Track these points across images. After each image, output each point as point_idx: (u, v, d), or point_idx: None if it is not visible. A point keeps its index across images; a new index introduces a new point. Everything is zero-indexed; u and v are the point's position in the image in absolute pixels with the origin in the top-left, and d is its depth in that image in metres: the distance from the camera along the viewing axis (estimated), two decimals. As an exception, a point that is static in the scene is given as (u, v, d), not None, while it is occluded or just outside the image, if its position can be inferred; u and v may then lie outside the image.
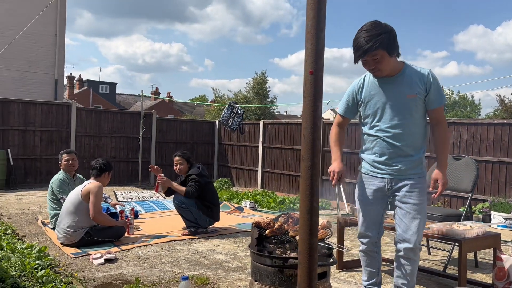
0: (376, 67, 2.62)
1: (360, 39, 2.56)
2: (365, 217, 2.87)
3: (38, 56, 13.67)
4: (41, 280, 3.06)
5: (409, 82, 2.65)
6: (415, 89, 2.63)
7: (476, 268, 4.13)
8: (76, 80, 39.04)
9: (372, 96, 2.75)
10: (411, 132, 2.69)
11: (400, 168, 2.71)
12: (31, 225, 5.49)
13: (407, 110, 2.66)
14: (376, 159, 2.77)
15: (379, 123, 2.74)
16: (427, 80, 2.64)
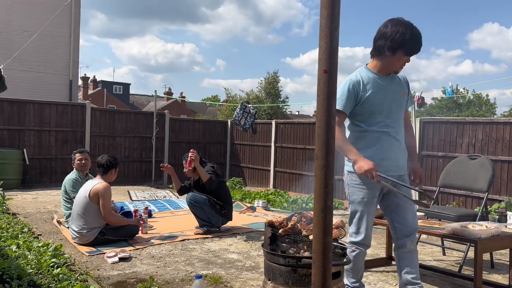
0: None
1: (418, 36, 2.64)
2: (369, 219, 2.84)
3: (53, 57, 13.86)
4: (57, 278, 3.11)
5: (401, 82, 2.88)
6: (405, 89, 2.88)
7: (492, 269, 4.07)
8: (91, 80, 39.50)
9: (375, 93, 2.75)
10: (402, 128, 2.91)
11: (401, 163, 2.86)
12: (46, 223, 5.57)
13: (401, 107, 2.87)
14: (383, 156, 2.75)
15: (385, 119, 2.78)
16: (407, 82, 2.94)
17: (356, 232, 2.84)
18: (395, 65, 2.71)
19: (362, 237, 2.83)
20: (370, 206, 2.81)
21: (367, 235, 2.84)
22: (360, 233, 2.83)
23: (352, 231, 2.88)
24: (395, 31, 2.60)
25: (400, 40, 2.59)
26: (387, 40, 2.63)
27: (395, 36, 2.60)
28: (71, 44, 14.13)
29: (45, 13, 12.84)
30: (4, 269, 3.09)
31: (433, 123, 7.72)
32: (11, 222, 5.01)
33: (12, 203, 6.84)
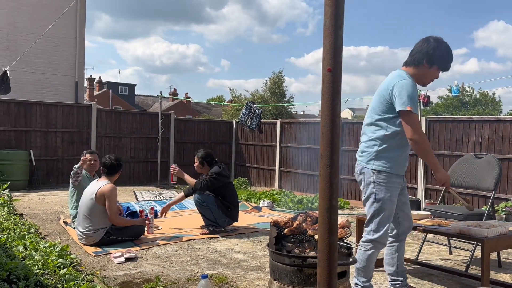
0: None
1: (452, 57, 2.94)
2: (390, 217, 2.97)
3: (59, 59, 13.94)
4: (64, 278, 3.12)
5: None
6: None
7: (499, 268, 4.04)
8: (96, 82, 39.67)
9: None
10: None
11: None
12: (53, 224, 5.60)
13: None
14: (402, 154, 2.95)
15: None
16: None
17: (376, 230, 2.90)
18: (427, 77, 2.95)
19: (380, 234, 2.90)
20: (393, 205, 2.95)
21: (386, 233, 2.94)
22: (380, 230, 2.90)
23: (371, 229, 2.91)
24: (436, 46, 2.86)
25: (439, 56, 2.87)
26: (428, 53, 2.86)
27: (435, 52, 2.86)
28: (76, 45, 14.20)
29: (50, 15, 12.92)
30: (11, 269, 3.11)
31: (439, 121, 7.68)
32: (18, 223, 5.04)
33: (19, 204, 6.89)
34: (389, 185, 2.88)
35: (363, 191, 2.98)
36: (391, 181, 2.88)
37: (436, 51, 2.86)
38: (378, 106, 2.91)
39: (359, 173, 3.00)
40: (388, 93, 2.83)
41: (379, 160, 2.87)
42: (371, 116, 2.97)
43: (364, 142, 3.02)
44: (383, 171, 2.86)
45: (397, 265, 3.15)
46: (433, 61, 2.88)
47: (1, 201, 6.17)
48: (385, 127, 2.89)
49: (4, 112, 9.18)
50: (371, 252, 2.92)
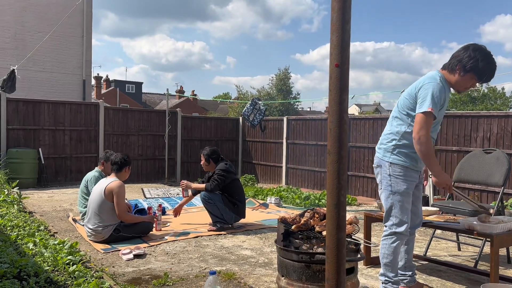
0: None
1: (494, 67, 2.85)
2: (408, 209, 2.98)
3: (66, 57, 14.04)
4: (73, 275, 3.15)
5: None
6: None
7: (509, 264, 4.02)
8: (103, 80, 39.86)
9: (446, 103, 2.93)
10: None
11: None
12: (62, 221, 5.65)
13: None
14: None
15: (438, 125, 3.07)
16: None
17: (399, 223, 2.92)
18: (461, 85, 2.88)
19: (405, 227, 2.92)
20: (409, 197, 2.97)
21: (407, 223, 2.95)
22: (404, 222, 2.92)
23: (394, 222, 2.93)
24: (472, 56, 2.79)
25: (473, 65, 2.79)
26: (462, 61, 2.82)
27: (470, 60, 2.79)
28: (83, 44, 14.28)
29: (57, 14, 13.00)
30: (22, 266, 3.14)
31: (447, 117, 7.62)
32: (27, 221, 5.09)
33: (28, 202, 6.95)
34: (405, 178, 2.90)
35: (380, 184, 3.01)
36: (407, 174, 2.91)
37: (472, 60, 2.78)
38: (404, 102, 2.95)
39: (376, 166, 3.04)
40: (415, 92, 2.86)
41: (395, 153, 2.92)
42: (396, 110, 3.04)
43: (384, 134, 3.07)
44: (398, 164, 2.90)
45: (405, 259, 3.15)
46: (466, 69, 2.82)
47: (11, 199, 6.23)
48: (407, 123, 2.92)
49: (13, 111, 9.26)
50: (396, 245, 2.94)
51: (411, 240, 3.18)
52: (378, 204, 4.01)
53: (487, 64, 2.78)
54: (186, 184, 5.37)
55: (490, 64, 2.80)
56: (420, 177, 3.09)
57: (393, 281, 2.94)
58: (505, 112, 7.32)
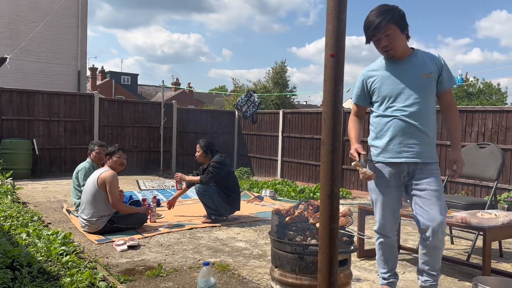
0: (389, 44, 2.61)
1: (370, 17, 2.61)
2: (384, 208, 2.78)
3: (61, 48, 13.91)
4: (67, 266, 3.14)
5: (422, 63, 2.66)
6: (429, 69, 2.65)
7: (501, 258, 4.05)
8: (99, 71, 39.60)
9: (385, 79, 2.71)
10: (427, 112, 2.66)
11: (418, 150, 2.64)
12: (56, 212, 5.63)
13: (423, 89, 2.64)
14: (391, 141, 2.67)
15: (394, 103, 2.68)
16: (438, 61, 2.68)
17: (376, 221, 2.87)
18: (379, 48, 2.68)
19: (377, 226, 2.84)
20: (384, 195, 2.75)
21: (382, 224, 2.81)
22: (376, 221, 2.85)
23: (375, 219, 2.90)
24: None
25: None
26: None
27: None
28: (78, 34, 14.15)
29: (52, 3, 12.87)
30: (15, 256, 3.13)
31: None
32: (21, 211, 5.07)
33: (22, 193, 6.92)
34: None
35: None
36: (377, 171, 2.73)
37: (364, 23, 2.67)
38: None
39: None
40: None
41: (371, 148, 2.84)
42: None
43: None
44: (370, 160, 2.82)
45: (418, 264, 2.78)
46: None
47: (5, 190, 6.20)
48: (371, 113, 2.87)
49: (7, 101, 9.19)
50: (377, 243, 2.88)
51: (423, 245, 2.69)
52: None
53: (365, 22, 2.65)
54: (180, 176, 5.36)
55: (366, 21, 2.64)
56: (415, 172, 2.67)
57: (381, 277, 2.93)
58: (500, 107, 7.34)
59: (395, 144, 2.67)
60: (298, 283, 2.38)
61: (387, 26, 2.56)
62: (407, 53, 2.69)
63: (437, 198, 2.60)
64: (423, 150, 2.64)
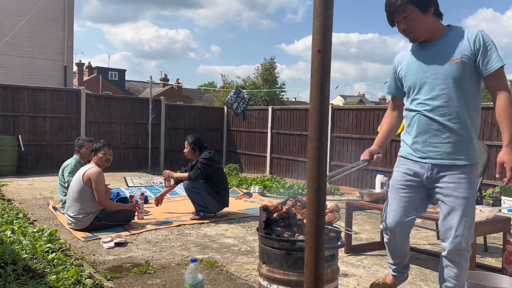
0: (408, 27, 2.31)
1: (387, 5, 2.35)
2: (393, 204, 2.48)
3: (47, 43, 13.70)
4: (52, 263, 3.11)
5: (452, 45, 2.27)
6: (460, 53, 2.24)
7: (486, 253, 4.11)
8: (86, 67, 39.15)
9: (411, 66, 2.39)
10: (457, 105, 2.26)
11: (444, 150, 2.29)
12: (42, 209, 5.56)
13: (451, 79, 2.25)
14: (416, 139, 2.39)
15: (418, 95, 2.36)
16: (475, 40, 2.23)
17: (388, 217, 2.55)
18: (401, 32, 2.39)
19: (384, 221, 2.58)
20: (394, 191, 2.48)
21: (387, 221, 2.51)
22: (388, 217, 2.53)
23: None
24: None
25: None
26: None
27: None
28: (65, 29, 13.95)
29: (38, -2, 12.65)
30: (-1, 254, 3.09)
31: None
32: (6, 208, 5.00)
33: (7, 190, 6.82)
34: (396, 169, 2.52)
35: None
36: (398, 165, 2.50)
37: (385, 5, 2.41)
38: None
39: None
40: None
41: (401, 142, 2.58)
42: None
43: None
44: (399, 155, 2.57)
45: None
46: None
47: (-11, 187, 6.11)
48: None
49: (-9, 97, 9.03)
50: (385, 239, 2.61)
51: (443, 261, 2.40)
52: (360, 194, 4.04)
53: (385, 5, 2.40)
54: (168, 173, 5.33)
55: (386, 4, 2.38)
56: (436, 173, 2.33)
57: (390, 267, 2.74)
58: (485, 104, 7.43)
59: (419, 142, 2.37)
60: (286, 279, 2.39)
61: (403, 7, 2.27)
62: (438, 33, 2.32)
63: (464, 208, 2.26)
64: (452, 150, 2.28)
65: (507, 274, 3.04)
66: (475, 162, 2.31)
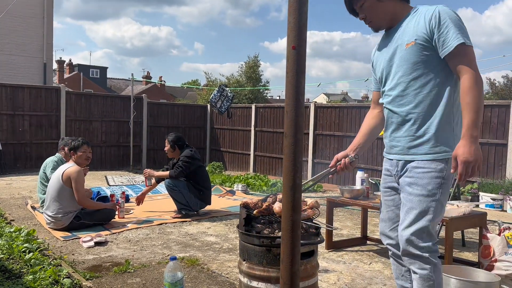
0: (367, 16, 2.13)
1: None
2: (382, 210, 2.25)
3: (26, 39, 13.44)
4: (29, 263, 3.06)
5: (411, 27, 2.01)
6: (415, 34, 1.97)
7: (463, 247, 4.19)
8: (66, 64, 38.49)
9: (378, 57, 2.19)
10: (418, 93, 1.99)
11: (404, 145, 2.05)
12: (20, 209, 5.46)
13: (408, 64, 2.00)
14: (385, 134, 2.18)
15: (384, 87, 2.15)
16: (431, 18, 1.93)
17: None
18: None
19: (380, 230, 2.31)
20: (383, 193, 2.24)
21: (381, 230, 2.27)
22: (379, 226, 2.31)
23: None
24: None
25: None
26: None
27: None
28: (44, 25, 13.70)
29: (16, -7, 12.38)
30: (-26, 254, 3.02)
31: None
32: (-18, 208, 4.89)
33: (-16, 189, 6.67)
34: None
35: None
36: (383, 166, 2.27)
37: None
38: None
39: None
40: None
41: None
42: None
43: None
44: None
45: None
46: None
47: (-35, 186, 5.96)
48: None
49: (-33, 94, 8.82)
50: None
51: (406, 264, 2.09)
52: (341, 190, 4.08)
53: None
54: (149, 172, 5.29)
55: None
56: (397, 169, 2.09)
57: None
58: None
59: (387, 137, 2.16)
60: (266, 275, 2.39)
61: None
62: (400, 17, 2.08)
63: (415, 206, 1.97)
64: (412, 144, 2.01)
65: (483, 268, 3.11)
66: (439, 158, 1.96)
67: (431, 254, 1.97)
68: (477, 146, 1.83)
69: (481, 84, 1.87)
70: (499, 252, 3.08)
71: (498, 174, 6.80)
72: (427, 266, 1.96)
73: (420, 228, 1.96)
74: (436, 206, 1.96)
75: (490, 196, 6.36)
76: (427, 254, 1.96)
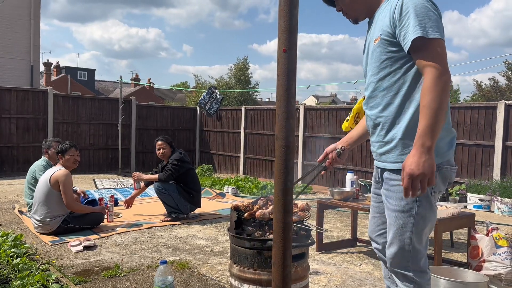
0: (343, 8, 1.95)
1: None
2: (370, 214, 2.11)
3: (12, 41, 13.27)
4: (17, 268, 3.01)
5: (379, 21, 1.81)
6: (380, 29, 1.78)
7: (452, 248, 4.23)
8: (54, 66, 38.06)
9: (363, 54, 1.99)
10: (385, 94, 1.80)
11: (377, 150, 1.88)
12: (7, 214, 5.38)
13: (376, 62, 1.82)
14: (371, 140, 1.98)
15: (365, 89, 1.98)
16: (394, 10, 1.70)
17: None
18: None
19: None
20: (371, 198, 2.08)
21: (369, 236, 2.14)
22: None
23: None
24: None
25: None
26: None
27: None
28: (31, 27, 13.55)
29: (2, -5, 12.23)
30: (-41, 260, 2.96)
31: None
32: (-32, 213, 4.81)
33: (-30, 194, 6.56)
34: None
35: None
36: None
37: None
38: None
39: None
40: None
41: None
42: None
43: None
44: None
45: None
46: None
47: (-50, 191, 5.86)
48: None
49: (-48, 97, 8.67)
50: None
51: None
52: (331, 192, 4.09)
53: None
54: (137, 175, 5.25)
55: None
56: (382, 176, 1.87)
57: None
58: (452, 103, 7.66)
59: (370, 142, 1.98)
60: (257, 278, 2.39)
61: None
62: (375, 8, 1.88)
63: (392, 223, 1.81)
64: (383, 151, 1.84)
65: (471, 268, 3.14)
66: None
67: (416, 274, 1.80)
68: (429, 158, 1.58)
69: (444, 83, 1.61)
70: (487, 253, 3.12)
71: (485, 175, 6.89)
72: (409, 285, 1.80)
73: (401, 247, 1.79)
74: (415, 221, 1.76)
75: (478, 197, 6.44)
76: (411, 274, 1.80)
